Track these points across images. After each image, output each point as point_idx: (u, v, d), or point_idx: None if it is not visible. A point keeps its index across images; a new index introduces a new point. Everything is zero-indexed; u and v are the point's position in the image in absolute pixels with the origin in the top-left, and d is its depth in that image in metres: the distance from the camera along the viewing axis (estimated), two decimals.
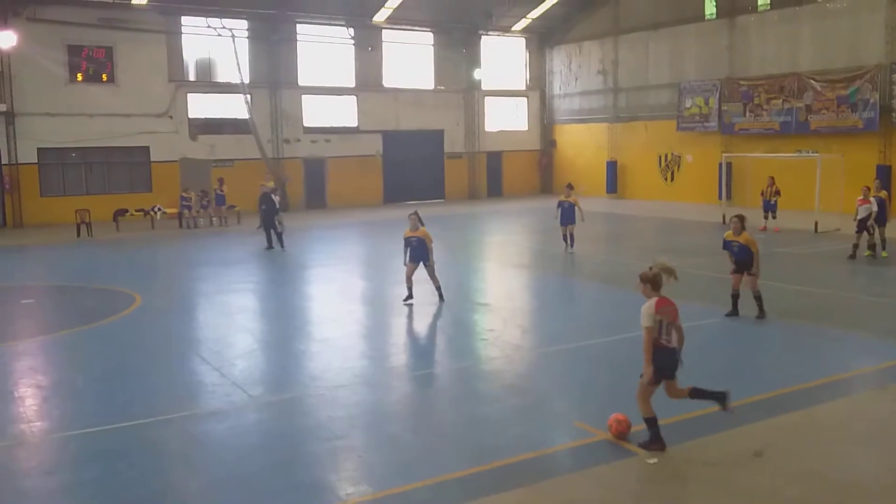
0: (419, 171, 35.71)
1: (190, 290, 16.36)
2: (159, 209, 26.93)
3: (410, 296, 13.13)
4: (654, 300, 6.82)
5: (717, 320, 11.70)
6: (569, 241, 18.60)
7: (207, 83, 31.02)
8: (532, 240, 22.90)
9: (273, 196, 20.86)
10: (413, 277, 13.15)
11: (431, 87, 35.91)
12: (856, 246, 17.01)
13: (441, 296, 13.28)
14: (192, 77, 30.79)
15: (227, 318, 13.07)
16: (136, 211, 26.82)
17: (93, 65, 28.83)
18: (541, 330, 11.97)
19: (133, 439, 7.51)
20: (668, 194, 32.21)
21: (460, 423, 7.87)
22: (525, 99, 38.63)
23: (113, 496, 6.26)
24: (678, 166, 32.24)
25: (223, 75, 31.12)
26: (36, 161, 27.90)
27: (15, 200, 27.57)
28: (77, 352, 11.07)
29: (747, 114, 28.64)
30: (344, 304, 13.84)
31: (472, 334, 11.79)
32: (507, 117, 38.29)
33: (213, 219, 27.22)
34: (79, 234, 24.40)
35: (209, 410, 8.33)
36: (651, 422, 6.87)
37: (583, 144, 36.68)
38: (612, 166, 34.66)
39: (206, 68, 31.16)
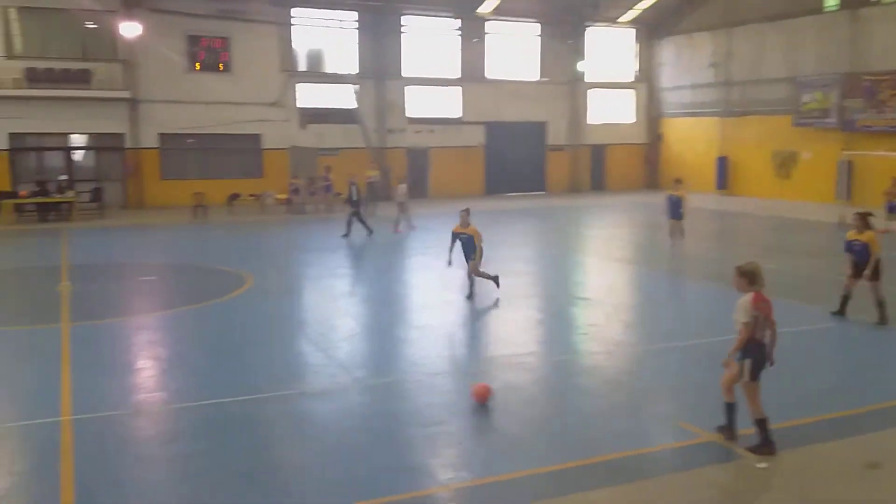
0: (521, 163, 35.58)
1: (297, 273, 16.90)
2: (270, 195, 27.87)
3: (472, 293, 13.00)
4: (751, 295, 6.64)
5: (833, 325, 11.17)
6: (676, 237, 18.17)
7: (316, 73, 31.85)
8: (636, 234, 22.46)
9: (353, 186, 21.16)
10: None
11: (534, 78, 35.65)
12: None
13: (472, 294, 12.94)
14: (301, 67, 31.69)
15: (332, 302, 13.43)
16: (248, 196, 27.87)
17: (210, 54, 30.09)
18: (644, 326, 11.73)
19: (243, 413, 7.83)
20: (782, 192, 30.87)
21: (560, 415, 7.83)
22: (631, 91, 37.82)
23: (224, 466, 6.55)
24: (794, 163, 30.85)
25: (332, 66, 31.87)
26: (157, 146, 29.39)
27: (137, 183, 29.13)
28: (192, 328, 11.63)
29: (870, 110, 27.08)
30: (443, 293, 13.97)
31: (573, 328, 11.69)
32: (611, 110, 37.59)
33: (320, 205, 27.96)
34: (195, 217, 25.58)
35: (315, 390, 8.59)
36: (762, 424, 6.65)
37: (692, 139, 35.62)
38: (722, 162, 33.51)
39: (315, 59, 32.00)
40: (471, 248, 12.73)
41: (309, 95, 31.75)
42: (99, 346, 10.38)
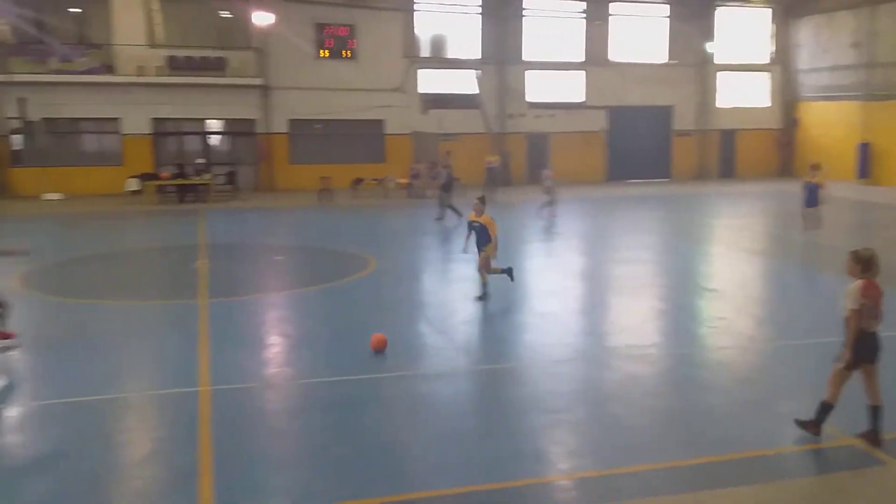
0: (645, 149, 34.66)
1: (419, 256, 17.17)
2: (392, 179, 28.40)
3: (485, 293, 11.99)
4: (860, 282, 6.45)
5: None
6: (812, 226, 17.23)
7: (438, 59, 32.09)
8: (769, 224, 21.44)
9: (445, 170, 21.45)
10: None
11: (661, 61, 34.56)
12: None
13: (484, 294, 11.89)
14: (424, 53, 32.01)
15: (451, 286, 13.55)
16: (371, 180, 28.51)
17: (336, 42, 30.89)
18: (778, 321, 11.18)
19: (366, 392, 8.04)
20: None
21: (686, 410, 7.59)
22: (765, 73, 36.01)
23: (348, 442, 6.75)
24: None
25: (454, 51, 32.03)
26: (286, 131, 30.51)
27: (268, 167, 30.37)
28: (319, 307, 12.03)
29: None
30: (564, 279, 13.82)
31: (700, 321, 11.30)
32: (742, 93, 35.94)
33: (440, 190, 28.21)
34: (321, 200, 26.42)
35: (435, 372, 8.70)
36: (827, 408, 6.49)
37: (830, 124, 33.56)
38: (864, 149, 31.40)
39: (437, 44, 32.25)
40: (484, 238, 11.93)
41: (430, 81, 32.06)
42: (233, 322, 10.91)
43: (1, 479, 6.13)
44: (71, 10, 28.97)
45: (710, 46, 34.42)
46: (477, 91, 31.21)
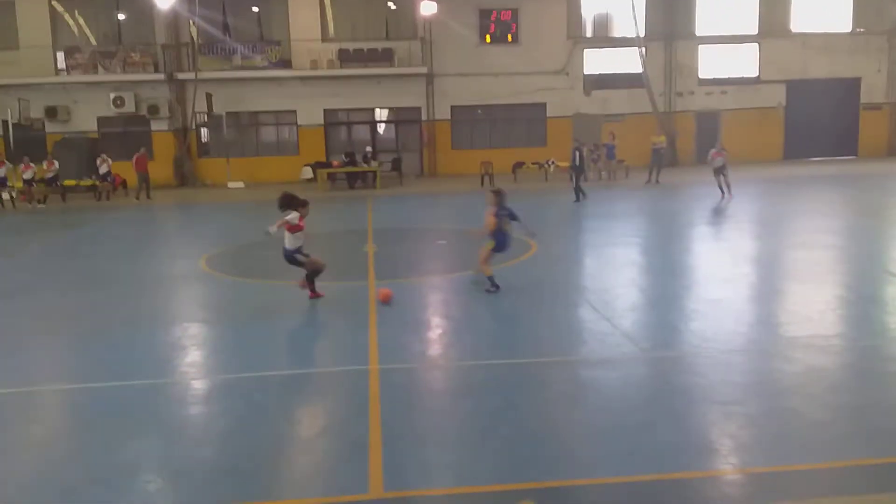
0: (827, 125, 32.26)
1: (581, 240, 16.96)
2: (553, 162, 28.19)
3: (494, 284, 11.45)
4: None
5: None
6: None
7: (603, 38, 31.40)
8: None
9: (577, 152, 21.49)
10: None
11: (846, 30, 31.89)
12: None
13: (493, 287, 11.31)
14: (588, 33, 31.40)
15: (615, 270, 13.28)
16: (532, 164, 28.44)
17: (500, 26, 30.96)
18: None
19: (529, 376, 8.05)
20: None
21: (874, 406, 7.00)
22: None
23: (511, 425, 6.80)
24: None
25: (619, 30, 31.19)
26: (448, 118, 31.04)
27: (431, 153, 31.07)
28: (481, 291, 12.17)
29: None
30: (736, 265, 13.15)
31: (889, 310, 10.38)
32: None
33: (602, 173, 27.70)
34: (482, 185, 26.70)
35: (599, 358, 8.58)
36: None
37: None
38: None
39: (602, 23, 31.54)
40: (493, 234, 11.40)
41: (595, 61, 31.44)
42: (400, 303, 11.27)
43: (185, 447, 6.70)
44: (253, 8, 30.92)
45: None
46: (642, 69, 30.24)
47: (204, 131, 31.47)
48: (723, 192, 20.90)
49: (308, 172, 29.38)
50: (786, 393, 7.39)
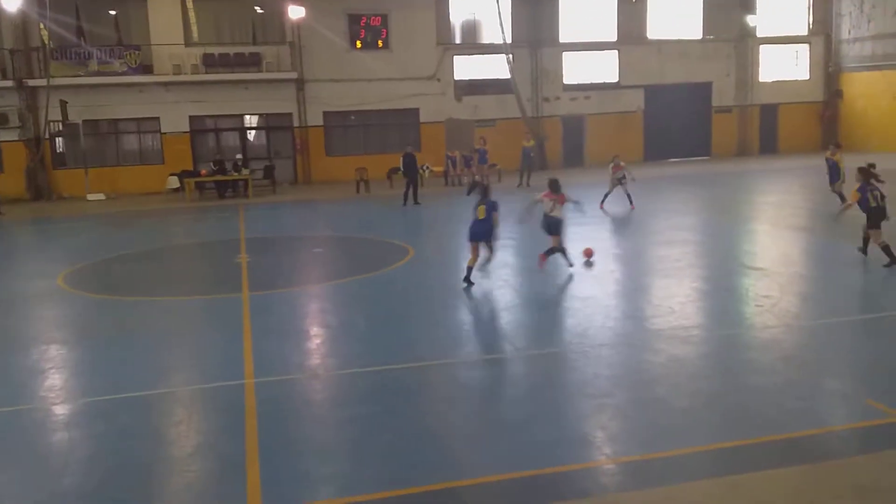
0: (683, 127, 34.12)
1: (457, 244, 17.09)
2: (427, 167, 28.39)
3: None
4: None
5: None
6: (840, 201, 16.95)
7: (472, 45, 31.94)
8: (813, 201, 20.94)
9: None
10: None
11: (698, 37, 33.93)
12: None
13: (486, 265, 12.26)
14: (457, 40, 31.88)
15: (491, 272, 13.47)
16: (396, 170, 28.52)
17: (370, 32, 30.91)
18: (824, 299, 10.94)
19: (410, 380, 8.08)
20: None
21: (731, 391, 7.48)
22: (806, 45, 35.15)
23: (392, 430, 6.79)
24: None
25: (487, 36, 31.84)
26: (322, 124, 30.69)
27: (305, 160, 30.61)
28: (359, 297, 12.10)
29: None
30: (604, 263, 13.69)
31: (745, 300, 11.11)
32: (783, 67, 35.14)
33: (476, 177, 28.16)
34: (358, 191, 26.56)
35: (477, 359, 8.72)
36: None
37: (876, 95, 32.66)
38: None
39: (471, 30, 32.10)
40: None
41: (465, 67, 31.95)
42: (276, 314, 11.03)
43: (53, 474, 6.28)
44: (109, 12, 29.43)
45: (751, 19, 33.67)
46: (510, 75, 30.99)
47: (59, 141, 29.69)
48: (630, 201, 21.02)
49: (174, 182, 28.27)
50: (652, 383, 7.75)
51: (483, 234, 12.07)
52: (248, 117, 30.95)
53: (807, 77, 35.26)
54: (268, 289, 12.63)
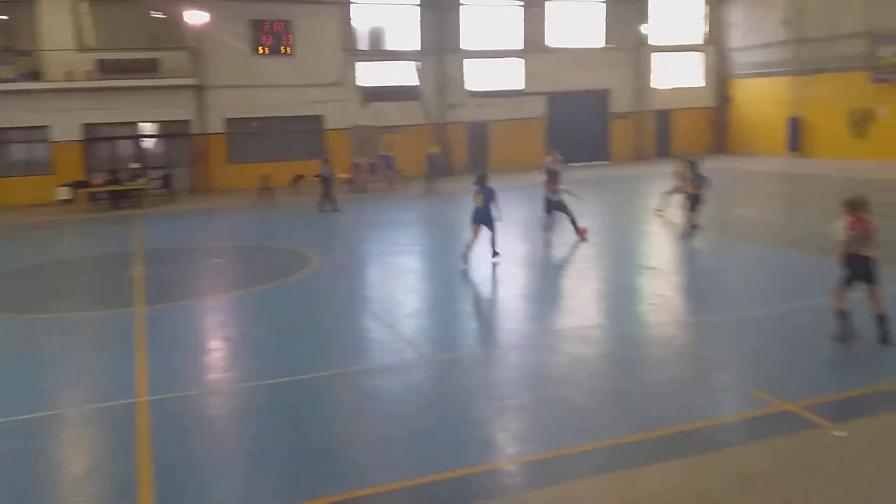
0: (584, 133, 35.03)
1: (362, 251, 17.06)
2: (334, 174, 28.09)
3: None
4: (847, 219, 8.14)
5: None
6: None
7: (377, 52, 31.88)
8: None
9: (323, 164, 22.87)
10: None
11: (597, 45, 34.93)
12: None
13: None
14: (362, 46, 31.76)
15: (397, 279, 13.50)
16: (312, 176, 28.16)
17: (273, 38, 30.42)
18: (714, 296, 11.42)
19: (313, 391, 7.95)
20: (858, 152, 29.58)
21: (629, 388, 7.70)
22: (699, 54, 36.69)
23: (296, 443, 6.67)
24: (871, 121, 29.51)
25: (392, 44, 31.85)
26: (223, 131, 29.96)
27: (205, 168, 29.81)
28: (261, 308, 11.85)
29: None
30: (507, 267, 13.87)
31: (640, 299, 11.47)
32: (677, 74, 36.57)
33: (381, 183, 28.11)
34: (261, 199, 26.04)
35: (382, 366, 8.66)
36: (842, 315, 8.19)
37: (762, 100, 34.41)
38: (794, 123, 32.30)
39: (376, 37, 32.02)
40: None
41: (370, 74, 31.85)
42: (172, 328, 10.68)
43: None
44: None
45: (644, 28, 34.89)
46: (417, 82, 31.09)
47: None
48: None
49: (65, 193, 26.97)
50: (553, 383, 7.90)
51: (482, 217, 13.48)
52: (145, 125, 29.90)
53: (700, 84, 36.79)
54: (164, 302, 12.21)
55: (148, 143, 30.31)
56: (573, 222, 15.49)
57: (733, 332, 9.37)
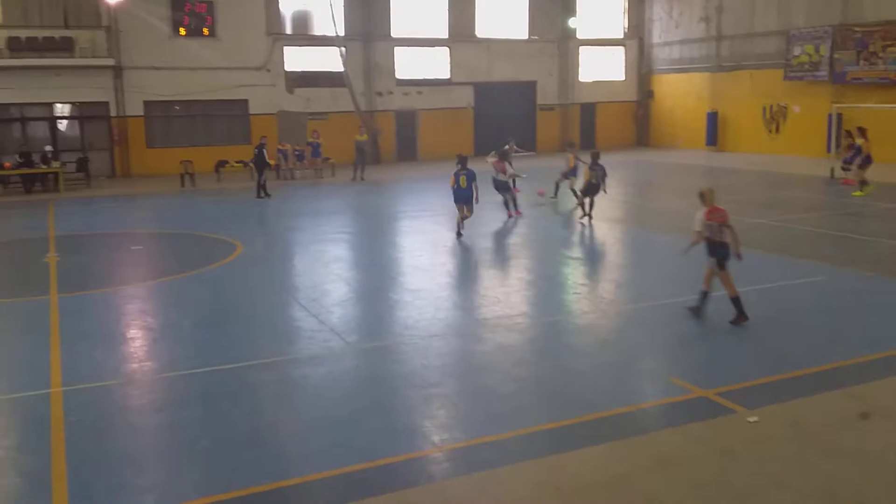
0: (511, 123, 35.20)
1: (288, 239, 16.82)
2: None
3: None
4: (704, 210, 9.03)
5: (825, 278, 11.20)
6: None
7: (304, 36, 31.37)
8: (625, 193, 22.37)
9: (256, 150, 22.60)
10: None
11: (525, 37, 35.23)
12: None
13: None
14: (288, 30, 31.20)
15: (324, 267, 13.37)
16: (235, 162, 27.59)
17: (194, 19, 29.56)
18: (634, 285, 11.72)
19: (236, 381, 7.82)
20: (772, 147, 30.79)
21: (552, 376, 7.84)
22: (622, 48, 37.43)
23: (218, 434, 6.56)
24: (784, 118, 30.72)
25: (319, 28, 31.39)
26: (142, 114, 29.01)
27: (123, 152, 28.83)
28: (183, 296, 11.57)
29: (861, 62, 26.89)
30: (435, 256, 13.92)
31: (564, 288, 11.68)
32: (602, 68, 37.22)
33: (308, 170, 27.75)
34: (183, 185, 25.36)
35: (308, 355, 8.58)
36: (736, 301, 8.89)
37: (682, 95, 35.38)
38: (712, 118, 33.33)
39: (302, 21, 31.50)
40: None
41: (296, 59, 31.32)
42: (88, 317, 10.33)
43: None
44: None
45: (572, 22, 35.34)
46: (343, 69, 30.74)
47: None
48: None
49: None
50: (478, 371, 7.98)
51: (466, 197, 14.88)
52: (59, 106, 28.68)
53: (623, 78, 37.55)
54: (80, 290, 11.78)
55: (63, 126, 29.10)
56: (510, 203, 17.26)
57: (655, 319, 9.61)
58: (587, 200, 16.49)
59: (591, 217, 16.46)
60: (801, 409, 6.71)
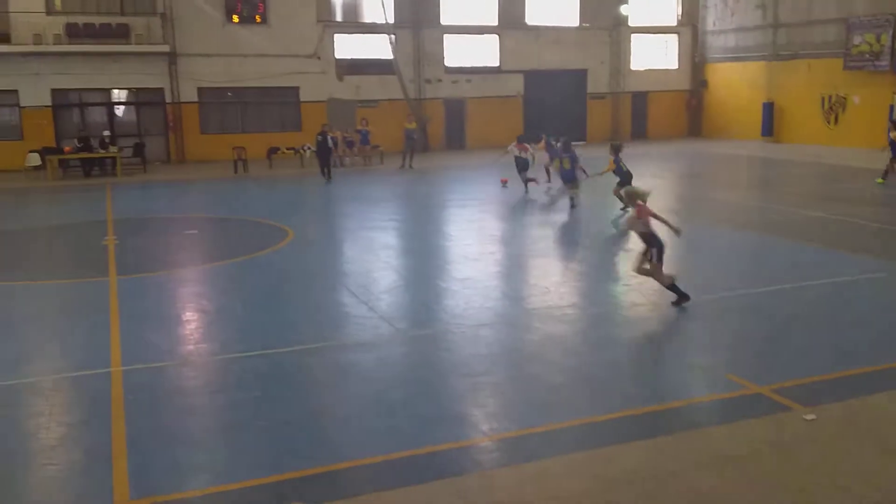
0: (561, 112, 34.93)
1: (337, 225, 16.99)
2: (308, 148, 27.84)
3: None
4: (636, 209, 9.42)
5: (886, 275, 10.90)
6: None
7: (354, 24, 31.51)
8: (679, 184, 22.03)
9: (320, 137, 23.68)
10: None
11: (576, 24, 34.84)
12: None
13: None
14: (338, 18, 31.36)
15: (373, 254, 13.47)
16: (287, 149, 27.92)
17: (247, 6, 29.90)
18: (689, 279, 11.46)
19: (288, 364, 7.95)
20: (830, 138, 29.97)
21: (602, 368, 7.78)
22: (675, 36, 36.76)
23: (269, 416, 6.67)
24: (843, 108, 29.87)
25: (369, 15, 31.49)
26: (196, 100, 29.51)
27: (178, 137, 29.39)
28: (237, 280, 11.78)
29: None
30: (484, 245, 13.91)
31: (616, 280, 11.57)
32: (654, 56, 36.62)
33: (357, 158, 27.94)
34: (236, 171, 25.76)
35: (357, 341, 8.67)
36: (673, 287, 9.35)
37: (737, 84, 34.61)
38: (768, 108, 32.55)
39: (352, 8, 31.63)
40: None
41: (346, 46, 31.49)
42: (146, 299, 10.58)
43: None
44: None
45: (624, 9, 34.83)
46: (392, 56, 30.81)
47: None
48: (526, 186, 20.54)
49: (35, 159, 26.45)
50: (528, 361, 7.97)
51: (570, 177, 16.96)
52: (116, 92, 29.36)
53: (675, 66, 36.90)
54: (138, 272, 12.08)
55: (120, 111, 29.78)
56: (528, 181, 19.36)
57: (711, 314, 9.44)
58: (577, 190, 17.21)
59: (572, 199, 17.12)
60: (860, 408, 6.56)
